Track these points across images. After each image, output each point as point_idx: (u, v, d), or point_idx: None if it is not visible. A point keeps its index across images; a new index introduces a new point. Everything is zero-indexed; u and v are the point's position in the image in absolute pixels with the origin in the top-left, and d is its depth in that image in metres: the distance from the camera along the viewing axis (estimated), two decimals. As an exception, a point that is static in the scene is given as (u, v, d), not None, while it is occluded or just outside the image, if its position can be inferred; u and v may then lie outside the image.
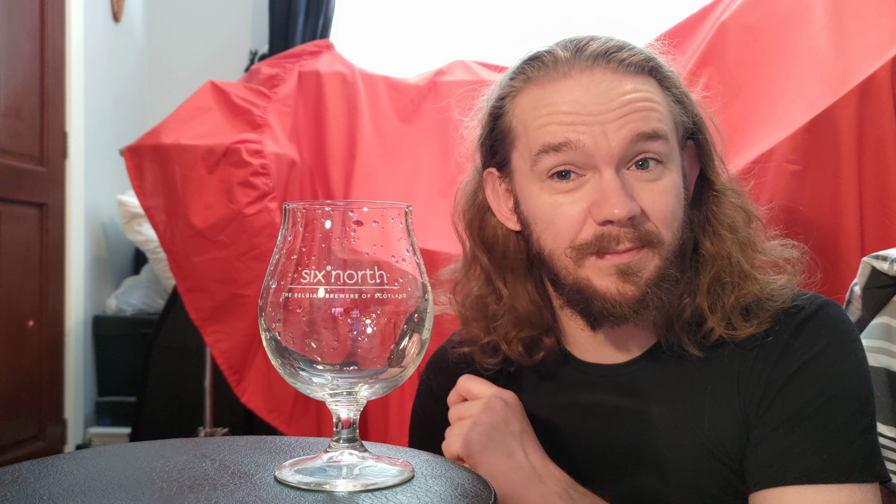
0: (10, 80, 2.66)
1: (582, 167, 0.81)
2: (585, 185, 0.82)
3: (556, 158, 0.81)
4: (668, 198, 0.82)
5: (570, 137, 0.80)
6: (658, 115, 0.82)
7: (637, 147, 0.81)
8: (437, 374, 0.99)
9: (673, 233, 0.83)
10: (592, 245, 0.81)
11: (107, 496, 0.55)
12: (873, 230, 1.31)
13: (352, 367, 0.57)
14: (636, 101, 0.81)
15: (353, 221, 0.58)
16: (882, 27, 1.39)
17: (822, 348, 0.82)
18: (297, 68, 2.14)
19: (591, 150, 0.80)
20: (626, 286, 0.81)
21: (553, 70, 0.84)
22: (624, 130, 0.80)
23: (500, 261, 0.92)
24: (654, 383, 0.87)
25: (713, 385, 0.85)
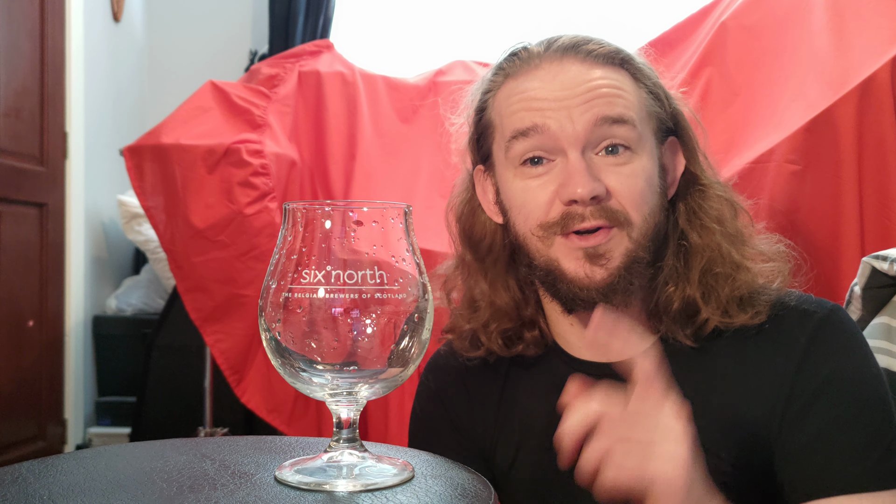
0: (10, 80, 2.66)
1: (550, 152, 0.84)
2: (554, 170, 0.84)
3: (525, 143, 0.85)
4: (635, 180, 0.84)
5: (536, 122, 0.84)
6: (625, 101, 0.85)
7: (602, 131, 0.83)
8: (437, 374, 0.99)
9: (643, 217, 0.84)
10: (558, 224, 0.83)
11: (107, 496, 0.55)
12: (873, 230, 1.31)
13: (352, 367, 0.57)
14: (601, 87, 0.84)
15: (353, 221, 0.58)
16: (882, 27, 1.39)
17: (847, 356, 0.82)
18: (297, 68, 2.13)
19: (557, 133, 0.83)
20: (595, 269, 0.82)
21: (526, 63, 0.88)
22: (588, 114, 0.83)
23: (485, 255, 0.95)
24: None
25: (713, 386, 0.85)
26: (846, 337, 0.84)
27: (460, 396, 0.96)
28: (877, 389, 0.82)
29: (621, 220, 0.83)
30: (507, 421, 0.93)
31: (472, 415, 0.95)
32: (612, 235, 0.83)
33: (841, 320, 0.85)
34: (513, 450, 0.92)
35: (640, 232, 0.84)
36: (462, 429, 0.95)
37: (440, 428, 0.96)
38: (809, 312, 0.85)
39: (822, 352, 0.83)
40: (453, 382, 0.97)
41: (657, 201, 0.86)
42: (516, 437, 0.92)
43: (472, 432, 0.95)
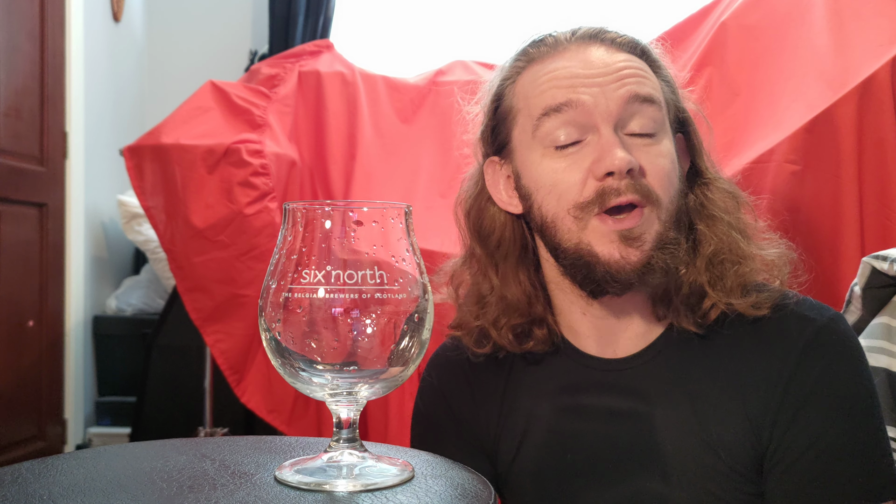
0: (10, 80, 2.66)
1: (582, 128, 0.84)
2: (585, 148, 0.84)
3: (557, 119, 0.84)
4: (664, 160, 0.84)
5: (570, 97, 0.84)
6: (651, 83, 0.86)
7: (633, 108, 0.84)
8: (440, 371, 0.99)
9: (670, 197, 0.84)
10: (595, 202, 0.82)
11: (107, 496, 0.55)
12: (873, 230, 1.31)
13: (352, 367, 0.57)
14: (630, 69, 0.85)
15: (353, 221, 0.58)
16: (882, 27, 1.39)
17: (839, 368, 0.82)
18: (297, 68, 2.13)
19: (591, 109, 0.83)
20: (630, 251, 0.82)
21: (552, 48, 0.89)
22: (622, 90, 0.83)
23: (495, 250, 0.94)
24: (655, 381, 0.87)
25: (715, 384, 0.85)
26: (842, 349, 0.84)
27: (463, 391, 0.96)
28: (870, 404, 0.82)
29: (653, 198, 0.83)
30: (511, 415, 0.93)
31: (476, 409, 0.95)
32: (645, 216, 0.82)
33: (839, 330, 0.85)
34: (516, 444, 0.92)
35: (667, 213, 0.84)
36: (465, 423, 0.95)
37: (443, 423, 0.96)
38: (809, 319, 0.85)
39: (816, 362, 0.83)
40: (456, 377, 0.97)
41: (679, 186, 0.87)
42: (520, 431, 0.92)
43: (475, 427, 0.95)
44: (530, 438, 0.91)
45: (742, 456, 0.82)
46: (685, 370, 0.87)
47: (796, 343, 0.84)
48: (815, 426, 0.81)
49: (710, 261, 0.87)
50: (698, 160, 0.92)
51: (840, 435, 0.80)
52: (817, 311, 0.86)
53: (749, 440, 0.83)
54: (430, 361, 1.01)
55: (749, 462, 0.83)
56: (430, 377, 1.00)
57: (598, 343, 0.91)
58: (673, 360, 0.88)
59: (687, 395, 0.85)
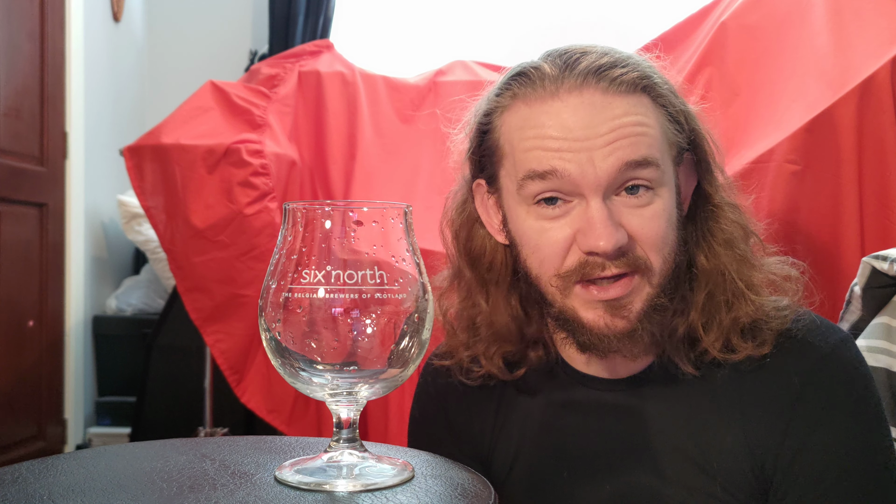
0: (10, 80, 2.66)
1: (568, 194, 0.79)
2: (572, 212, 0.79)
3: (541, 185, 0.79)
4: (657, 223, 0.79)
5: (555, 165, 0.77)
6: (649, 140, 0.79)
7: (625, 175, 0.78)
8: (434, 377, 0.97)
9: (664, 258, 0.80)
10: (576, 272, 0.79)
11: (107, 496, 0.55)
12: (873, 230, 1.31)
13: (352, 367, 0.57)
14: (626, 126, 0.78)
15: (353, 221, 0.58)
16: (882, 27, 1.39)
17: (844, 400, 0.80)
18: (297, 68, 2.13)
19: (578, 179, 0.77)
20: (615, 320, 0.79)
21: (541, 88, 0.80)
22: (612, 158, 0.77)
23: (485, 274, 0.90)
24: (652, 407, 0.85)
25: (714, 411, 0.83)
26: (846, 377, 0.81)
27: (459, 402, 0.95)
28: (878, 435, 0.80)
29: (642, 266, 0.79)
30: (506, 429, 0.91)
31: (471, 420, 0.94)
32: (634, 284, 0.79)
33: (843, 358, 0.82)
34: (510, 457, 0.90)
35: (660, 276, 0.80)
36: (460, 434, 0.94)
37: (438, 432, 0.96)
38: (813, 346, 0.82)
39: (819, 392, 0.80)
40: (450, 385, 0.95)
41: (675, 237, 0.82)
42: (514, 445, 0.90)
43: (469, 438, 0.94)
44: (525, 453, 0.90)
45: (742, 484, 0.80)
46: (683, 396, 0.84)
47: (799, 372, 0.81)
48: (821, 460, 0.78)
49: (707, 301, 0.83)
50: (706, 182, 0.87)
51: (848, 471, 0.78)
52: (822, 338, 0.83)
53: (750, 468, 0.80)
54: (424, 367, 0.99)
55: (750, 491, 0.80)
56: (426, 383, 0.98)
57: (593, 367, 0.89)
58: (670, 382, 0.85)
59: (683, 419, 0.83)
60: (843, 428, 0.79)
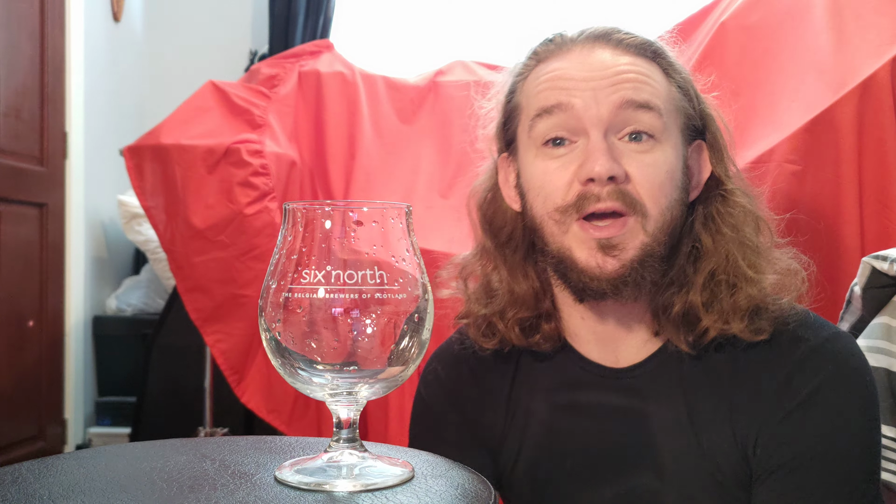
0: (10, 80, 2.66)
1: (573, 132, 0.83)
2: (575, 151, 0.83)
3: (549, 122, 0.84)
4: (655, 170, 0.82)
5: (561, 100, 0.83)
6: (652, 89, 0.84)
7: (627, 114, 0.82)
8: (443, 361, 0.98)
9: (661, 209, 0.82)
10: (574, 206, 0.82)
11: (107, 496, 0.55)
12: (873, 230, 1.31)
13: (352, 367, 0.57)
14: (630, 72, 0.83)
15: (353, 221, 0.58)
16: (882, 27, 1.39)
17: (822, 384, 0.80)
18: (297, 68, 2.13)
19: (581, 113, 0.82)
20: (607, 260, 0.81)
21: (559, 48, 0.88)
22: (614, 96, 0.82)
23: (505, 243, 0.94)
24: (654, 392, 0.87)
25: (709, 400, 0.84)
26: (833, 365, 0.81)
27: (470, 388, 0.95)
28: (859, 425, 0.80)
29: (637, 208, 0.81)
30: (516, 416, 0.92)
31: (482, 408, 0.94)
32: (628, 227, 0.81)
33: (836, 349, 0.82)
34: (517, 445, 0.91)
35: (656, 225, 0.82)
36: (469, 420, 0.94)
37: (446, 418, 0.96)
38: (802, 339, 0.83)
39: (802, 382, 0.81)
40: (463, 373, 0.96)
41: (677, 196, 0.84)
42: (521, 432, 0.91)
43: (479, 425, 0.94)
44: (530, 441, 0.91)
45: (733, 472, 0.82)
46: (683, 385, 0.86)
47: (786, 364, 0.82)
48: (796, 441, 0.79)
49: (708, 281, 0.85)
50: (718, 169, 0.89)
51: (821, 454, 0.78)
52: (813, 331, 0.84)
53: (737, 456, 0.82)
54: (434, 353, 1.00)
55: (740, 479, 0.82)
56: (436, 369, 0.99)
57: (599, 349, 0.90)
58: (672, 375, 0.87)
59: (684, 407, 0.85)
60: (824, 417, 0.79)
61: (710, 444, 0.83)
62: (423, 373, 1.00)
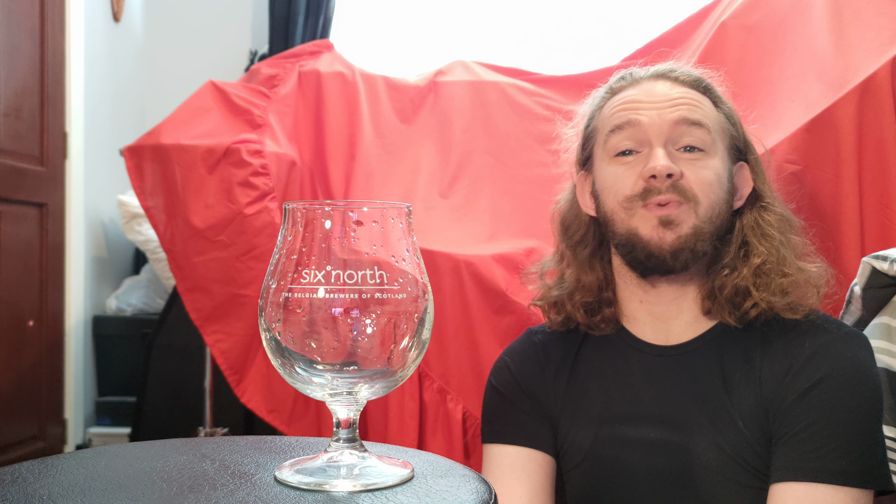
0: (10, 80, 2.66)
1: (640, 143, 1.04)
2: (640, 157, 1.04)
3: (621, 135, 1.06)
4: (707, 172, 1.02)
5: (631, 118, 1.05)
6: (703, 112, 1.05)
7: (682, 129, 1.03)
8: (511, 354, 1.16)
9: (710, 201, 1.02)
10: (640, 196, 1.02)
11: (107, 496, 0.55)
12: (873, 230, 1.31)
13: (352, 367, 0.57)
14: (686, 98, 1.06)
15: (353, 221, 0.58)
16: (882, 27, 1.39)
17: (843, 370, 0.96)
18: (297, 68, 2.13)
19: (647, 127, 1.04)
20: (667, 233, 1.01)
21: (629, 84, 1.11)
22: (674, 114, 1.04)
23: (577, 243, 1.15)
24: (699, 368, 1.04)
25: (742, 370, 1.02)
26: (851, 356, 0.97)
27: (535, 371, 1.13)
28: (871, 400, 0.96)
29: (690, 197, 1.01)
30: (573, 395, 1.10)
31: (545, 385, 1.11)
32: (683, 209, 1.01)
33: (851, 343, 0.99)
34: (570, 423, 1.08)
35: (705, 211, 1.01)
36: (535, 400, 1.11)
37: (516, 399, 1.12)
38: (827, 330, 1.01)
39: (822, 362, 0.97)
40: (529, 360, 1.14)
41: (723, 196, 1.04)
42: (575, 411, 1.08)
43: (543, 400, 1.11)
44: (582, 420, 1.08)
45: (756, 431, 0.98)
46: (723, 359, 1.04)
47: (812, 345, 0.99)
48: (815, 411, 0.95)
49: (757, 270, 1.03)
50: (759, 185, 1.09)
51: (837, 423, 0.94)
52: (836, 326, 1.01)
53: (761, 418, 0.98)
54: (504, 351, 1.19)
55: (761, 437, 0.98)
56: (504, 361, 1.17)
57: (653, 330, 1.08)
58: (715, 351, 1.05)
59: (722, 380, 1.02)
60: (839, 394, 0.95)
61: (740, 405, 0.99)
62: (494, 367, 1.18)
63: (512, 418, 1.11)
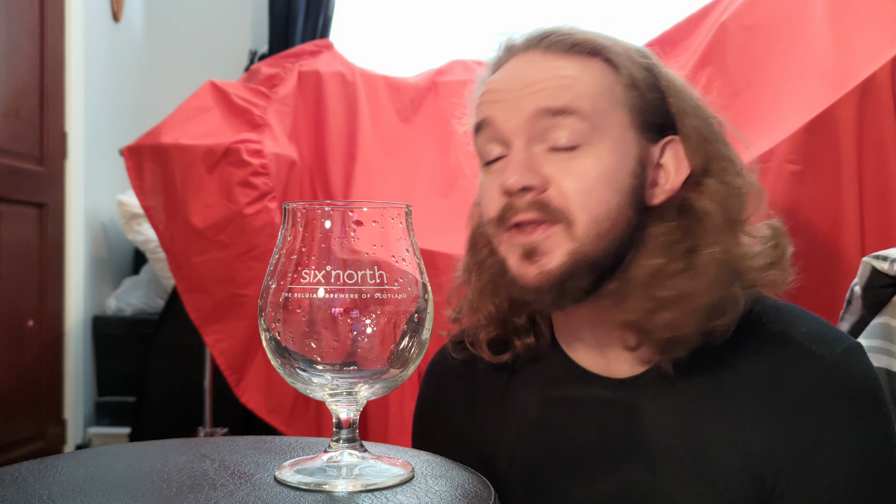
0: (10, 80, 2.66)
1: (503, 144, 0.82)
2: (503, 164, 0.82)
3: (483, 136, 0.84)
4: (581, 175, 0.78)
5: (487, 114, 0.83)
6: (575, 92, 0.79)
7: (546, 122, 0.79)
8: (437, 380, 0.98)
9: (593, 216, 0.77)
10: (499, 218, 0.80)
11: (107, 496, 0.55)
12: (873, 230, 1.31)
13: (352, 367, 0.57)
14: (551, 79, 0.80)
15: (353, 221, 0.58)
16: (882, 27, 1.39)
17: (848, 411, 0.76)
18: (297, 68, 2.13)
19: (502, 125, 0.81)
20: (528, 268, 0.78)
21: (507, 56, 0.87)
22: (529, 106, 0.79)
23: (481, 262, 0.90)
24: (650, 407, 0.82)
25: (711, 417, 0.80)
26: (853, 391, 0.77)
27: (458, 402, 0.95)
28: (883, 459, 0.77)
29: (558, 216, 0.77)
30: (506, 424, 0.91)
31: (472, 420, 0.93)
32: (551, 233, 0.78)
33: (849, 370, 0.77)
34: (509, 453, 0.90)
35: (587, 231, 0.77)
36: (460, 435, 0.94)
37: (439, 434, 0.96)
38: (816, 356, 0.77)
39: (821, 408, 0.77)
40: (453, 387, 0.95)
41: (619, 200, 0.78)
42: (512, 440, 0.90)
43: (470, 438, 0.93)
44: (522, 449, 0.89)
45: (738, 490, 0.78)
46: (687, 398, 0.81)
47: (803, 383, 0.77)
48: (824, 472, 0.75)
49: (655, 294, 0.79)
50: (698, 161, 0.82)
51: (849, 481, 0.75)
52: (827, 346, 0.78)
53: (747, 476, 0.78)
54: (428, 368, 0.99)
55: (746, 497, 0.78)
56: (427, 385, 0.99)
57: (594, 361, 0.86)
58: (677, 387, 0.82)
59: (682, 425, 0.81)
60: (848, 439, 0.76)
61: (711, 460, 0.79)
62: (419, 391, 1.00)
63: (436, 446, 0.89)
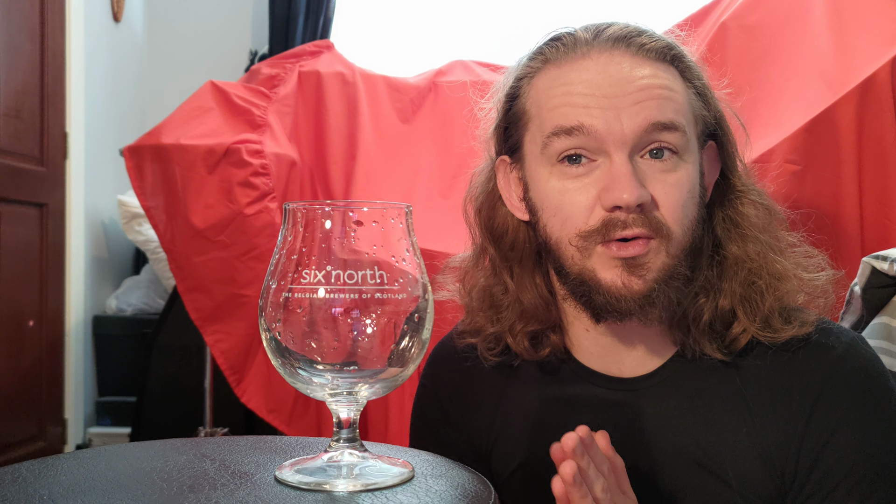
0: (10, 80, 2.66)
1: (593, 152, 0.79)
2: (595, 171, 0.79)
3: (567, 142, 0.79)
4: (680, 191, 0.79)
5: (582, 121, 0.78)
6: (675, 105, 0.79)
7: (651, 136, 0.78)
8: (436, 374, 0.97)
9: (683, 229, 0.79)
10: (599, 232, 0.78)
11: (107, 496, 0.55)
12: (873, 230, 1.31)
13: (352, 367, 0.57)
14: (653, 88, 0.78)
15: (353, 221, 0.58)
16: (882, 27, 1.39)
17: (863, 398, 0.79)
18: (297, 68, 2.13)
19: (604, 135, 0.77)
20: (633, 279, 0.77)
21: (571, 51, 0.82)
22: (639, 117, 0.77)
23: (508, 252, 0.89)
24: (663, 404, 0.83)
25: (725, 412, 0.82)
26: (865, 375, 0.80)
27: (458, 395, 0.94)
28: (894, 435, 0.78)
29: (663, 232, 0.78)
30: (507, 424, 0.90)
31: (469, 414, 0.93)
32: (651, 247, 0.78)
33: (859, 356, 0.81)
34: (510, 454, 0.89)
35: (678, 247, 0.79)
36: (459, 429, 0.93)
37: (438, 428, 0.95)
38: (827, 347, 0.81)
39: (837, 395, 0.79)
40: (452, 382, 0.94)
41: (696, 213, 0.81)
42: (514, 441, 0.89)
43: (468, 432, 0.93)
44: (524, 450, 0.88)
45: (756, 487, 0.79)
46: (696, 397, 0.83)
47: (815, 374, 0.80)
48: (843, 461, 0.77)
49: (743, 284, 0.82)
50: (730, 170, 0.87)
51: (869, 469, 0.77)
52: (835, 338, 0.82)
53: (764, 471, 0.79)
54: (427, 362, 0.99)
55: (765, 493, 0.79)
56: (426, 380, 0.98)
57: (602, 361, 0.87)
58: (685, 386, 0.83)
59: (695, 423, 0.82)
60: (865, 427, 0.78)
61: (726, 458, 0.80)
62: (418, 388, 0.99)
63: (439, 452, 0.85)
